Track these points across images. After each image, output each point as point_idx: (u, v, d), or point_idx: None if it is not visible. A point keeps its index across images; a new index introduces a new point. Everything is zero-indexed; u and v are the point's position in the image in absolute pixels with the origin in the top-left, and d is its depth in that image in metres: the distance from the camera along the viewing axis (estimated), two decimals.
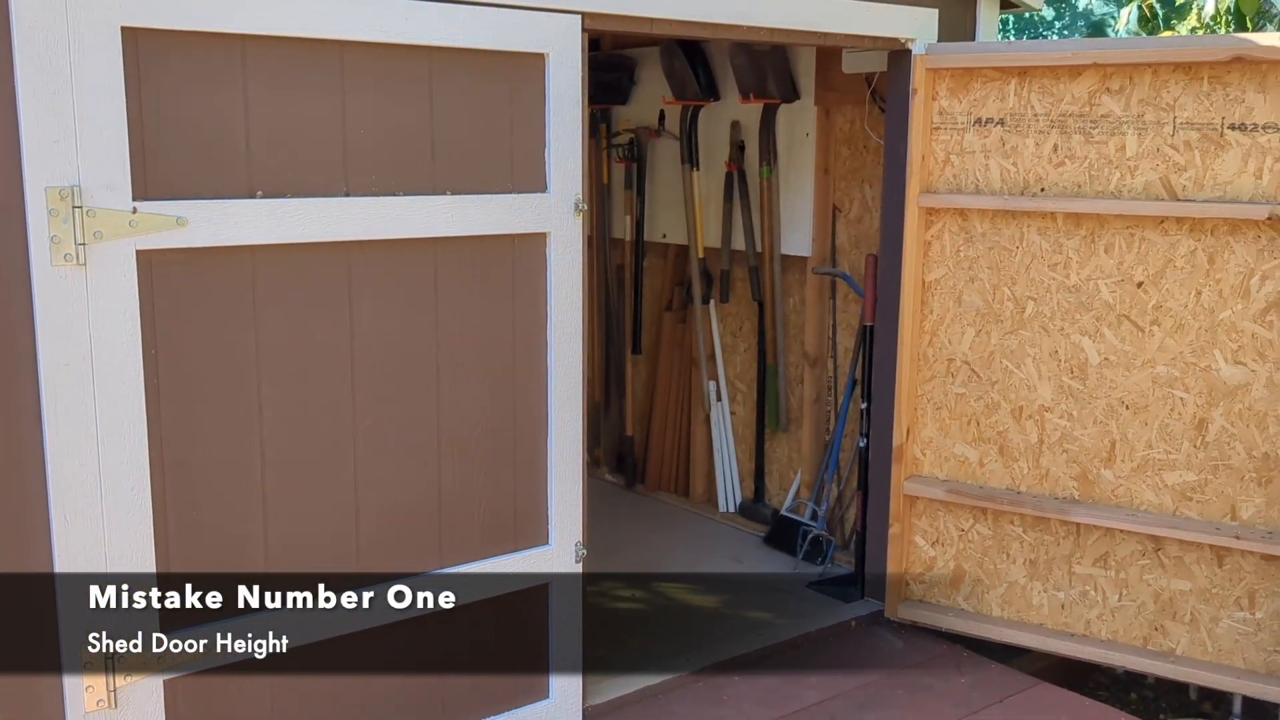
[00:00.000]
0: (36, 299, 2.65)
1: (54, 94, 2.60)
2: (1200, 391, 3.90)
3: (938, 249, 4.29)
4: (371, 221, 3.09)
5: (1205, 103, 3.77)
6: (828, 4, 4.00)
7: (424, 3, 3.09)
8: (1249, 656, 3.95)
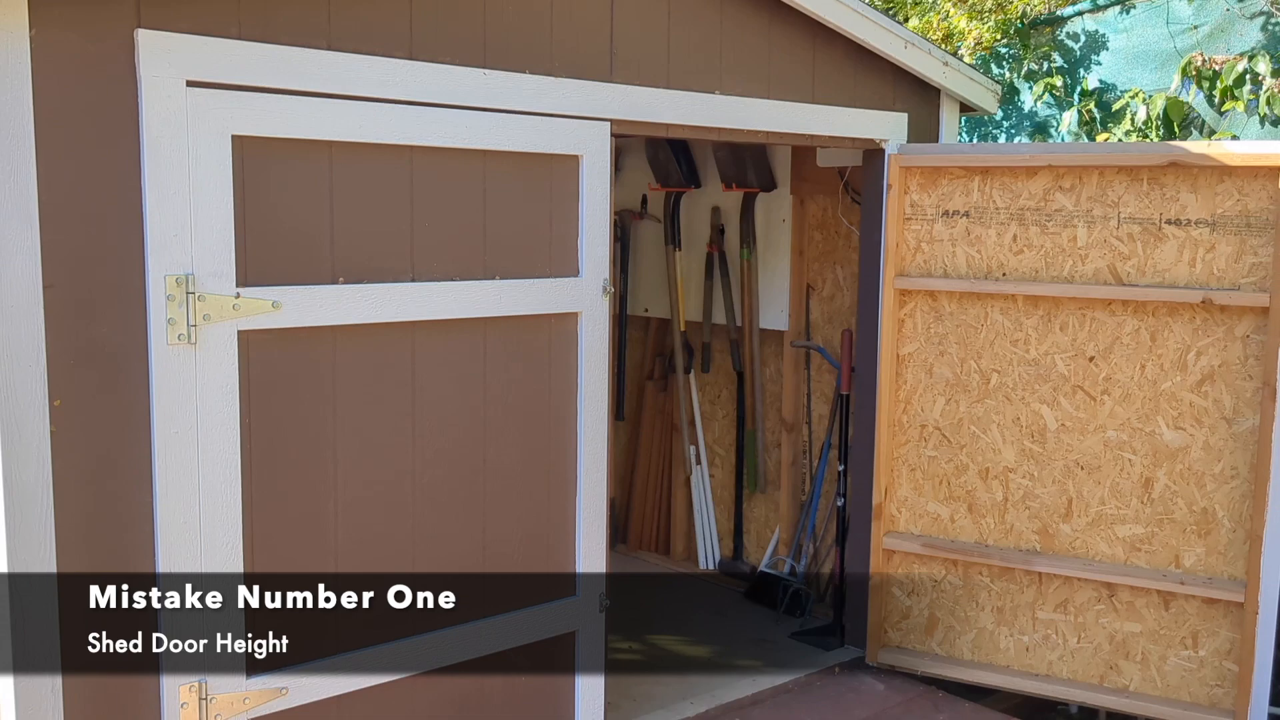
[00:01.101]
0: (154, 374, 2.99)
1: (174, 193, 2.97)
2: (1146, 453, 4.40)
3: (910, 326, 4.78)
4: (433, 303, 3.49)
5: (1145, 200, 4.32)
6: (814, 110, 4.50)
7: (480, 113, 3.52)
8: (1194, 691, 4.42)
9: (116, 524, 2.99)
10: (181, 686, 3.14)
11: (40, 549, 2.86)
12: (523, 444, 3.78)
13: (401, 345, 3.46)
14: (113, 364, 2.94)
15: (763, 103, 4.30)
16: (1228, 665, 4.35)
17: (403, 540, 3.51)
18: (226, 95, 3.03)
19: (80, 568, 2.94)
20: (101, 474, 2.95)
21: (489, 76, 3.52)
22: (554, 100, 3.67)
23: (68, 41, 2.79)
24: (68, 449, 2.88)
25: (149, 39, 2.89)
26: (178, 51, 2.94)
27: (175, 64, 2.94)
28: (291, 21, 3.14)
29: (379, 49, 3.30)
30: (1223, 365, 4.26)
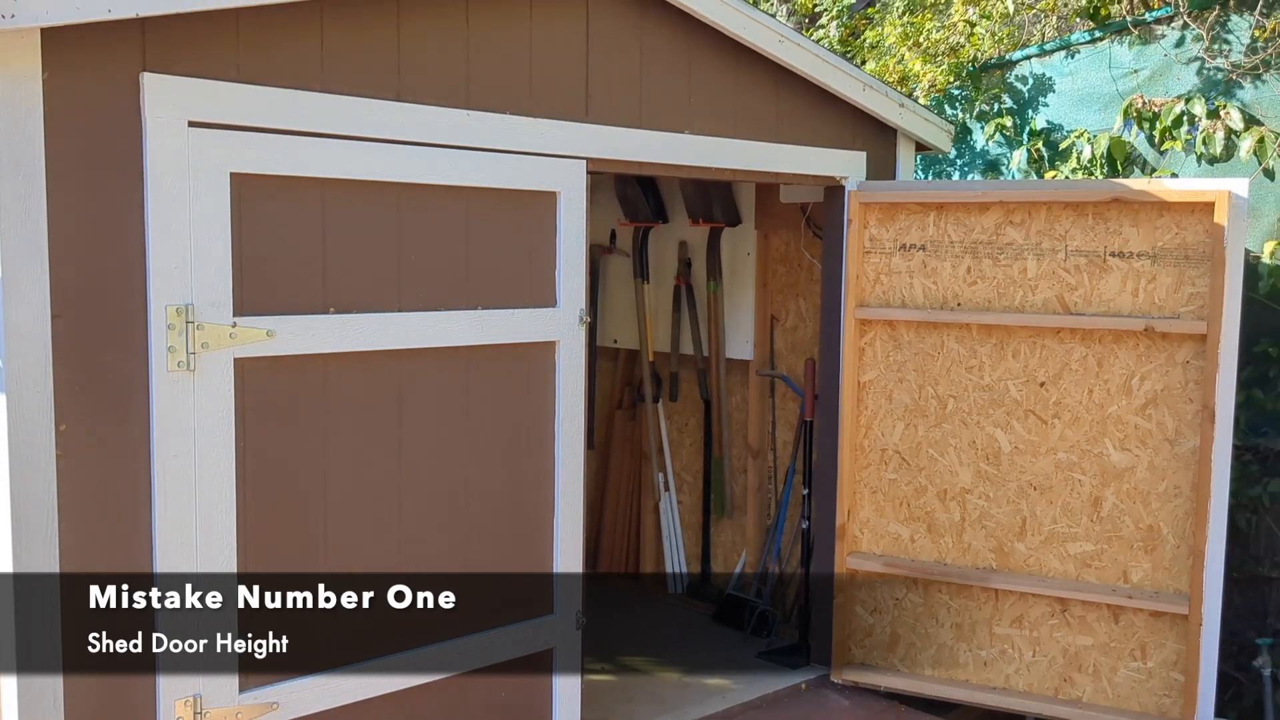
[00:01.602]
0: (154, 399, 3.14)
1: (176, 228, 3.13)
2: (1095, 474, 4.63)
3: (871, 354, 4.99)
4: (419, 332, 3.66)
5: (1091, 234, 4.57)
6: (778, 149, 4.73)
7: (464, 151, 3.71)
8: (1144, 701, 4.63)
9: (117, 542, 3.12)
10: (177, 701, 3.27)
11: (45, 563, 2.98)
12: (503, 467, 3.95)
13: (389, 372, 3.62)
14: (116, 389, 3.09)
15: (730, 142, 4.52)
16: (1174, 675, 4.56)
17: (388, 560, 3.66)
18: (226, 135, 3.20)
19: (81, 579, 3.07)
20: (104, 495, 3.08)
21: (472, 117, 3.70)
22: (533, 140, 3.87)
23: (77, 85, 2.95)
24: (72, 471, 3.01)
25: (154, 82, 3.06)
26: (180, 94, 3.10)
27: (178, 105, 3.10)
28: (287, 65, 3.32)
29: (369, 91, 3.48)
30: (1165, 389, 4.50)
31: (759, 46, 4.49)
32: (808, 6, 7.85)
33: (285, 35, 3.30)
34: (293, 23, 3.30)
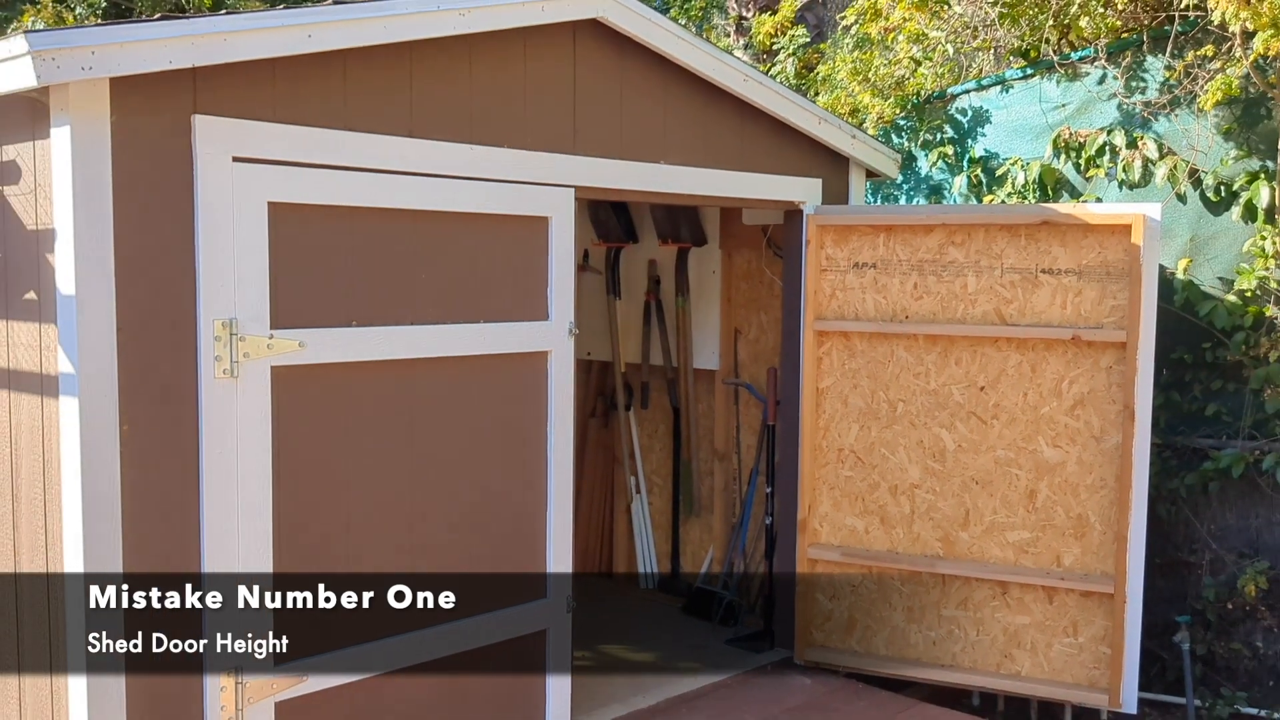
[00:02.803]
0: (203, 402, 3.54)
1: (222, 251, 3.54)
2: (1030, 469, 5.14)
3: (828, 363, 5.48)
4: (429, 343, 4.09)
5: (1024, 253, 5.10)
6: (742, 177, 5.21)
7: (467, 181, 4.15)
8: (1076, 673, 5.14)
9: (170, 528, 3.52)
10: (221, 676, 3.66)
11: (112, 552, 3.38)
12: (502, 464, 4.38)
13: (403, 379, 4.05)
14: (171, 394, 3.49)
15: (700, 171, 5.00)
16: (1103, 649, 5.07)
17: (400, 547, 4.08)
18: (264, 169, 3.62)
19: (142, 568, 3.46)
20: (160, 488, 3.48)
21: (474, 151, 4.15)
22: (528, 170, 4.32)
23: (139, 126, 3.37)
24: (133, 466, 3.41)
25: (204, 123, 3.48)
26: (226, 133, 3.53)
27: (224, 143, 3.52)
28: (315, 107, 3.75)
29: (385, 129, 3.92)
30: (1091, 392, 5.03)
31: (726, 85, 4.98)
32: (765, 43, 8.37)
33: (314, 81, 3.73)
34: (320, 70, 3.74)
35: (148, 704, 3.51)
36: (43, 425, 3.48)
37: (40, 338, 3.47)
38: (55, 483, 3.42)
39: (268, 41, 3.53)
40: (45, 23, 10.09)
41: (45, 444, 3.46)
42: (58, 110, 3.26)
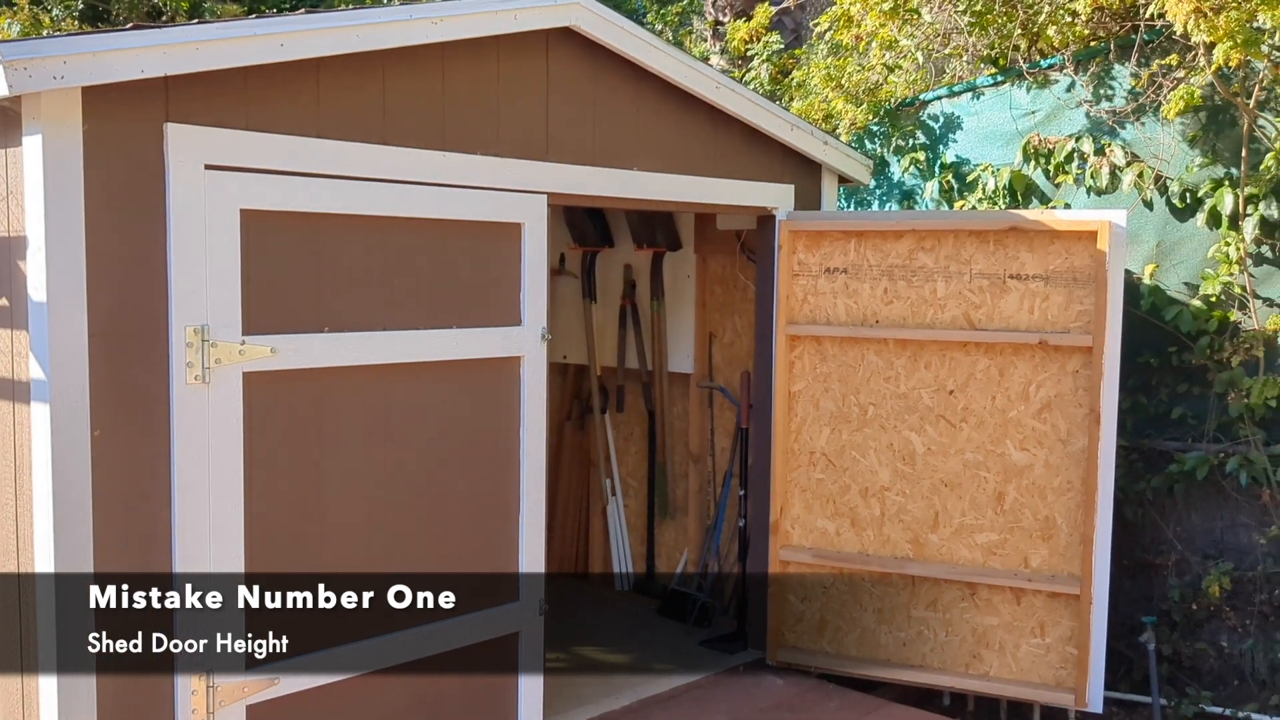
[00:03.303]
0: (174, 408, 3.57)
1: (194, 257, 3.58)
2: (998, 472, 5.21)
3: (800, 367, 5.54)
4: (402, 349, 4.13)
5: (992, 259, 5.16)
6: (715, 183, 5.26)
7: (441, 188, 4.19)
8: (1043, 673, 5.21)
9: (142, 532, 3.55)
10: (193, 678, 3.69)
11: (83, 556, 3.41)
12: (475, 468, 4.42)
13: (375, 385, 4.08)
14: (142, 400, 3.52)
15: (673, 177, 5.04)
16: (1070, 650, 5.14)
17: (374, 549, 4.11)
18: (237, 176, 3.66)
19: (113, 570, 3.49)
20: (131, 492, 3.51)
21: (448, 158, 4.19)
22: (501, 177, 4.36)
23: (111, 134, 3.40)
24: (105, 471, 3.44)
25: (176, 131, 3.51)
26: (198, 141, 3.56)
27: (196, 151, 3.56)
28: (288, 115, 3.78)
29: (358, 136, 3.95)
30: (1058, 396, 5.09)
31: (698, 92, 5.03)
32: (740, 49, 8.43)
33: (286, 90, 3.77)
34: (293, 79, 3.77)
35: (118, 707, 3.53)
36: (14, 430, 3.50)
37: (12, 343, 3.49)
38: (27, 487, 3.45)
39: (240, 50, 3.56)
40: (21, 24, 10.08)
41: (17, 448, 3.49)
42: (30, 119, 3.29)
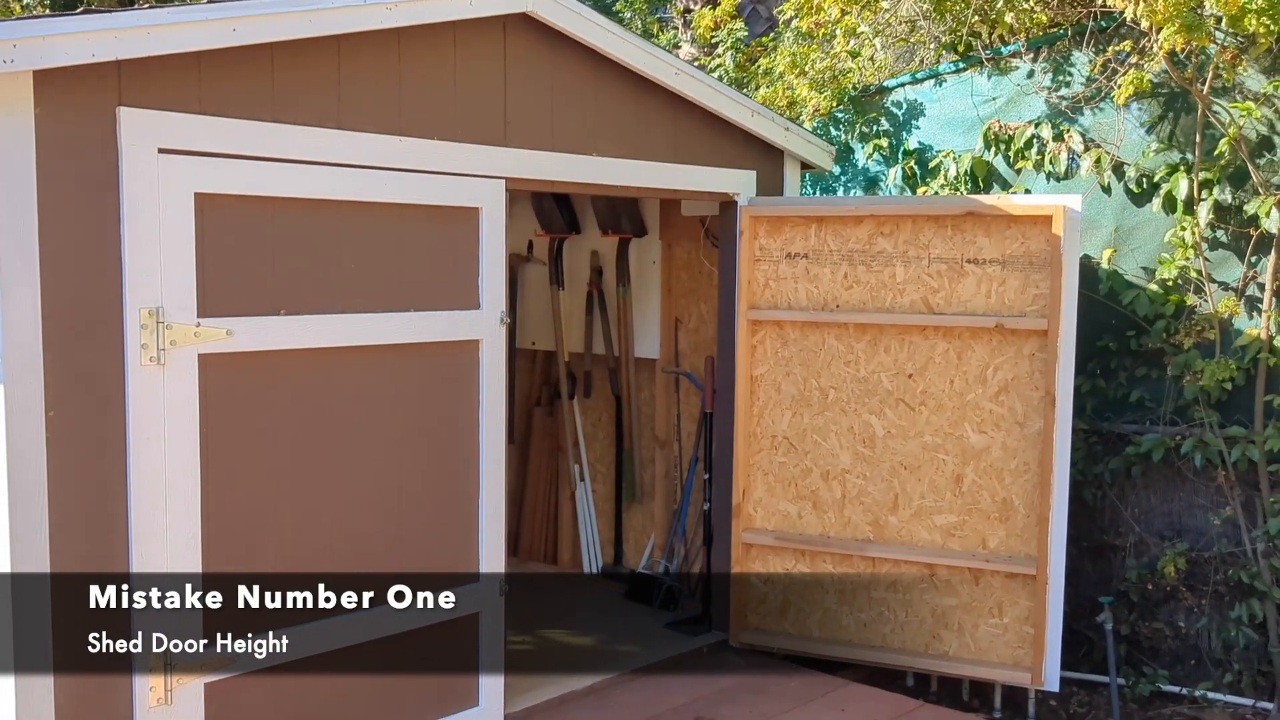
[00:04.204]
0: (129, 390, 3.60)
1: (147, 240, 3.61)
2: (957, 454, 5.27)
3: (762, 351, 5.59)
4: (359, 332, 4.16)
5: (950, 243, 5.22)
6: (676, 169, 5.31)
7: (397, 173, 4.22)
8: (1001, 653, 5.28)
9: (97, 510, 3.59)
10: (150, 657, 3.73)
11: (39, 534, 3.44)
12: (435, 452, 4.46)
13: (332, 368, 4.12)
14: (96, 382, 3.56)
15: (632, 163, 5.08)
16: (1026, 629, 5.21)
17: (333, 531, 4.15)
18: (191, 160, 3.68)
19: (69, 550, 3.52)
20: (85, 473, 3.54)
21: (404, 143, 4.23)
22: (458, 161, 4.40)
23: (63, 118, 3.42)
24: (59, 453, 3.47)
25: (128, 115, 3.54)
26: (151, 124, 3.59)
27: (149, 135, 3.58)
28: (242, 99, 3.81)
29: (313, 120, 3.98)
30: (1014, 379, 5.16)
31: (658, 79, 5.07)
32: (706, 37, 8.46)
33: (240, 73, 3.79)
34: (247, 62, 3.80)
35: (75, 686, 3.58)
36: None
37: None
38: None
39: (192, 35, 3.59)
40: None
41: None
42: None
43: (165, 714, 3.76)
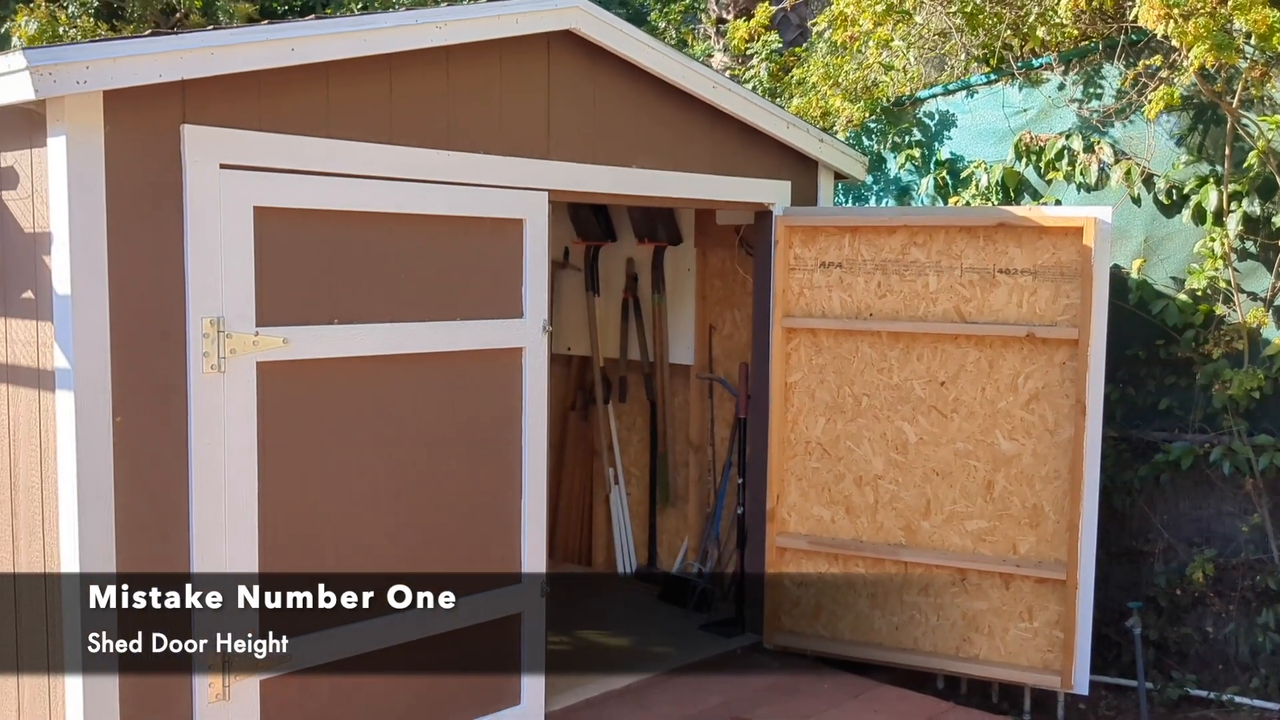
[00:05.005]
0: (191, 396, 3.75)
1: (209, 253, 3.75)
2: (988, 461, 5.36)
3: (796, 359, 5.70)
4: (408, 340, 4.30)
5: (982, 254, 5.31)
6: (713, 180, 5.42)
7: (445, 186, 4.35)
8: (1030, 656, 5.37)
9: (161, 512, 3.73)
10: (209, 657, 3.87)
11: (106, 535, 3.58)
12: (479, 455, 4.59)
13: (382, 374, 4.25)
14: (160, 389, 3.70)
15: (671, 174, 5.21)
16: (1056, 633, 5.30)
17: (381, 534, 4.29)
18: (250, 175, 3.83)
19: (133, 550, 3.67)
20: (151, 473, 3.69)
21: (452, 157, 4.36)
22: (503, 175, 4.53)
23: (131, 135, 3.57)
24: (125, 457, 3.61)
25: (192, 132, 3.68)
26: (213, 141, 3.73)
27: (211, 151, 3.73)
28: (299, 116, 3.95)
29: (366, 136, 4.12)
30: (1045, 387, 5.24)
31: (696, 92, 5.19)
32: (740, 48, 8.58)
33: (298, 91, 3.94)
34: (304, 80, 3.94)
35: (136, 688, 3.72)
36: (39, 418, 3.68)
37: (37, 335, 3.67)
38: (52, 471, 3.63)
39: (253, 55, 3.73)
40: (39, 21, 10.26)
41: (42, 435, 3.67)
42: (54, 121, 3.46)
43: (223, 709, 3.90)
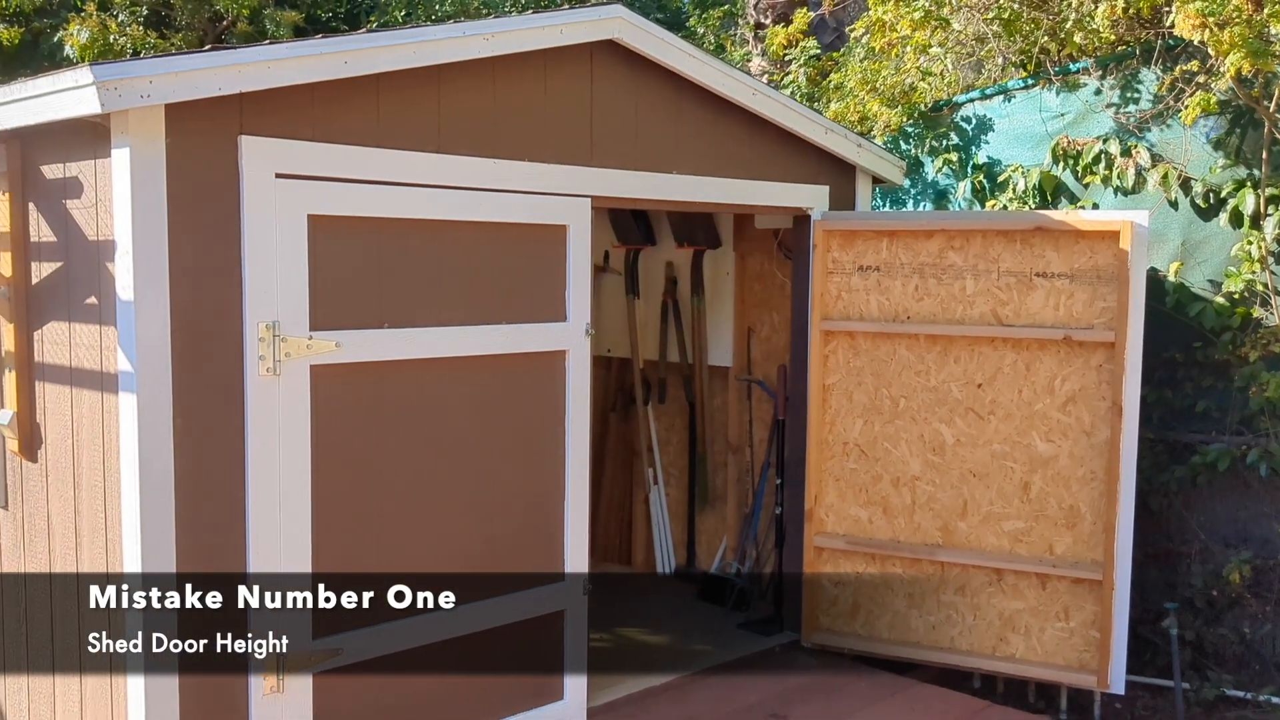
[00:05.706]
0: (248, 398, 3.88)
1: (265, 259, 3.88)
2: (1024, 462, 5.41)
3: (834, 361, 5.77)
4: (455, 344, 4.41)
5: (1019, 257, 5.36)
6: (752, 185, 5.51)
7: (491, 193, 4.47)
8: (1067, 656, 5.41)
9: (218, 510, 3.86)
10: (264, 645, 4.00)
11: (165, 532, 3.72)
12: (523, 457, 4.70)
13: (430, 377, 4.37)
14: (218, 391, 3.83)
15: (711, 180, 5.30)
16: (1092, 633, 5.34)
17: (431, 533, 4.41)
18: (304, 184, 3.95)
19: (192, 548, 3.80)
20: (210, 472, 3.82)
21: (498, 165, 4.47)
22: (547, 182, 4.63)
23: (191, 146, 3.70)
24: (185, 457, 3.75)
25: (249, 143, 3.82)
26: (269, 152, 3.86)
27: (267, 161, 3.86)
28: (350, 127, 4.08)
29: (415, 146, 4.24)
30: (1082, 389, 5.29)
31: (735, 99, 5.27)
32: (779, 54, 8.66)
33: (350, 102, 4.06)
34: (356, 93, 4.06)
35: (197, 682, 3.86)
36: (102, 418, 3.83)
37: (100, 339, 3.82)
38: (114, 470, 3.77)
39: (307, 68, 3.86)
40: (90, 30, 10.50)
41: (105, 435, 3.82)
42: (118, 133, 3.61)
43: (277, 702, 4.03)
